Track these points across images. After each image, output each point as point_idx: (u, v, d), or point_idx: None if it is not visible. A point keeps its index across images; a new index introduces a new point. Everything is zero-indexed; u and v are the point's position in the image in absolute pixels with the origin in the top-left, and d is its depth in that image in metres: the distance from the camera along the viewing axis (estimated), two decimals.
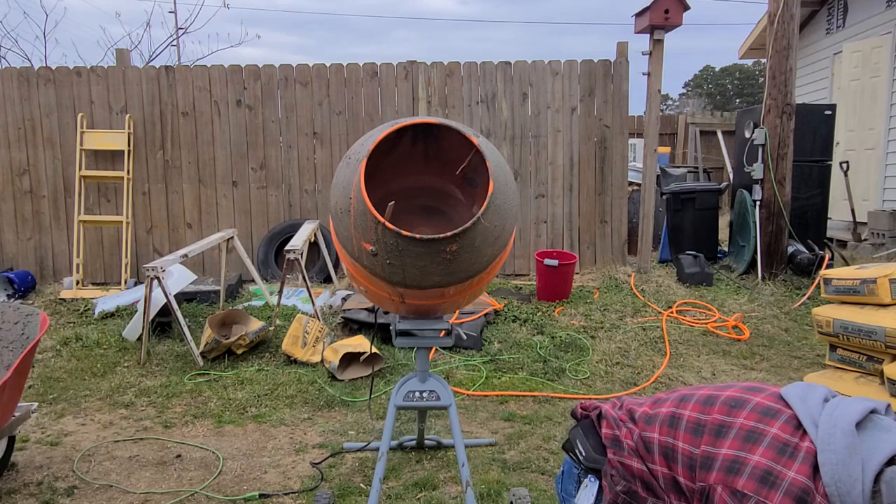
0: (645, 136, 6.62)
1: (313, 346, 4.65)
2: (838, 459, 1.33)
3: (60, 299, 6.05)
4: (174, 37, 19.53)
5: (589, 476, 1.74)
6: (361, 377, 4.33)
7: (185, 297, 5.62)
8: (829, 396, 1.48)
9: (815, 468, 1.35)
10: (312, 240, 6.14)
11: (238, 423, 3.73)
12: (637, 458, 1.63)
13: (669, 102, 42.91)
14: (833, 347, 2.87)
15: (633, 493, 1.63)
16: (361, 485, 2.99)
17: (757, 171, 6.32)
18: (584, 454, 1.75)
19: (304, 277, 5.08)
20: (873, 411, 1.43)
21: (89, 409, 3.95)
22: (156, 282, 4.48)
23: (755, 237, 6.33)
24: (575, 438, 1.80)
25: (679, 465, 1.55)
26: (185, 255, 4.92)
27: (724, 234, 7.78)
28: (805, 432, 1.40)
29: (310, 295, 5.09)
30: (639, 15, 6.37)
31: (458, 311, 4.86)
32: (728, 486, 1.40)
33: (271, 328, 4.95)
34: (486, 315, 5.21)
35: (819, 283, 3.20)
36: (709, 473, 1.45)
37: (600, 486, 1.72)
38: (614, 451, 1.67)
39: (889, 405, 1.45)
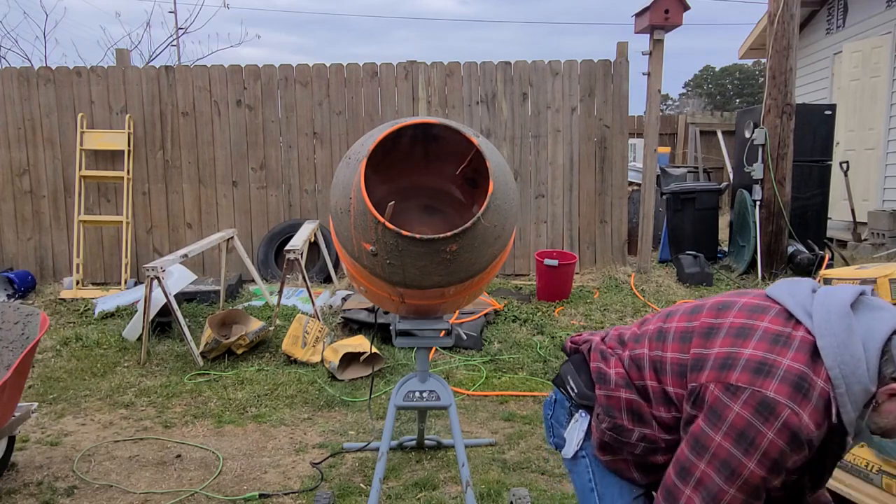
0: (645, 136, 6.62)
1: (313, 346, 4.65)
2: (839, 342, 1.32)
3: (60, 299, 6.05)
4: (174, 37, 19.54)
5: (580, 411, 1.69)
6: (361, 377, 4.33)
7: (185, 297, 5.62)
8: (816, 287, 1.47)
9: (813, 355, 1.34)
10: (312, 240, 6.14)
11: (238, 423, 3.74)
12: (625, 388, 1.58)
13: (669, 102, 42.91)
14: None
15: (618, 427, 1.58)
16: (361, 485, 2.99)
17: (757, 171, 6.32)
18: (575, 391, 1.70)
19: (304, 277, 5.08)
20: (862, 294, 1.42)
21: (89, 409, 3.95)
22: (156, 282, 4.48)
23: (755, 237, 6.33)
24: (566, 374, 1.74)
25: (668, 375, 1.51)
26: (185, 255, 4.92)
27: (724, 234, 7.78)
28: (798, 322, 1.39)
29: (310, 295, 5.09)
30: (639, 15, 6.37)
31: (458, 311, 4.86)
32: (721, 381, 1.37)
33: (271, 328, 4.95)
34: (486, 315, 5.21)
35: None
36: (700, 373, 1.42)
37: (590, 422, 1.68)
38: (601, 386, 1.62)
39: (873, 288, 1.43)
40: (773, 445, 1.30)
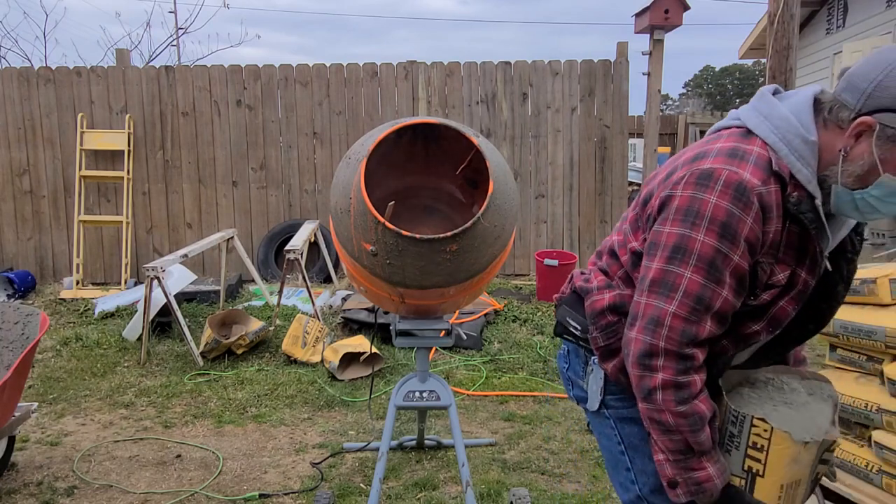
0: (645, 136, 6.62)
1: (313, 346, 4.65)
2: (766, 114, 1.38)
3: (60, 299, 6.05)
4: (174, 37, 19.53)
5: (593, 357, 1.61)
6: (361, 377, 4.33)
7: (185, 297, 5.62)
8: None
9: (746, 135, 1.39)
10: (312, 240, 6.13)
11: (238, 423, 3.74)
12: (607, 289, 1.54)
13: (669, 102, 42.93)
14: (833, 347, 2.87)
15: (607, 328, 1.53)
16: (361, 485, 2.99)
17: None
18: (578, 328, 1.63)
19: (304, 277, 5.08)
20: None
21: (89, 409, 3.95)
22: (156, 282, 4.48)
23: None
24: (564, 316, 1.68)
25: (631, 233, 1.50)
26: (185, 255, 4.92)
27: None
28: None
29: (310, 295, 5.09)
30: (639, 15, 6.38)
31: (458, 311, 4.86)
32: (665, 187, 1.38)
33: (271, 328, 4.95)
34: (486, 315, 5.21)
35: None
36: (668, 182, 1.40)
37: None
38: (587, 298, 1.57)
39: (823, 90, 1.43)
40: (718, 208, 1.30)
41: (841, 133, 1.31)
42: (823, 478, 1.53)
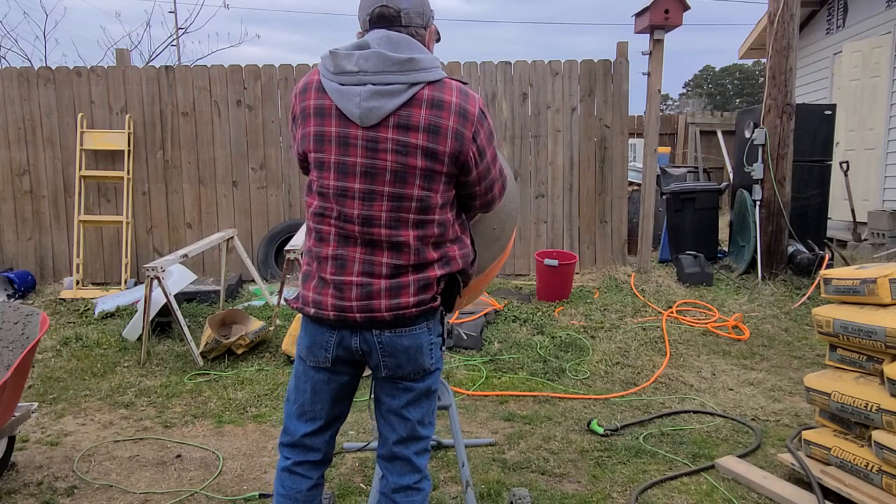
0: (645, 136, 6.62)
1: None
2: None
3: (60, 299, 6.05)
4: (174, 37, 19.52)
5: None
6: (361, 377, 4.32)
7: (185, 297, 5.62)
8: None
9: None
10: None
11: (238, 423, 3.74)
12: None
13: (669, 102, 42.91)
14: (833, 347, 2.87)
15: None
16: (361, 485, 2.99)
17: (757, 171, 6.32)
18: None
19: None
20: None
21: (89, 409, 3.95)
22: (156, 282, 4.48)
23: (755, 237, 6.33)
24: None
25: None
26: (185, 255, 4.92)
27: (724, 234, 7.78)
28: None
29: None
30: (639, 15, 6.37)
31: (458, 311, 4.86)
32: None
33: (271, 328, 4.95)
34: (486, 315, 5.21)
35: (819, 283, 3.19)
36: None
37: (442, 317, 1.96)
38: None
39: None
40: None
41: None
42: (824, 476, 1.52)
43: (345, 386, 1.95)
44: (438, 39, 2.02)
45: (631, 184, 7.45)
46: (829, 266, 6.09)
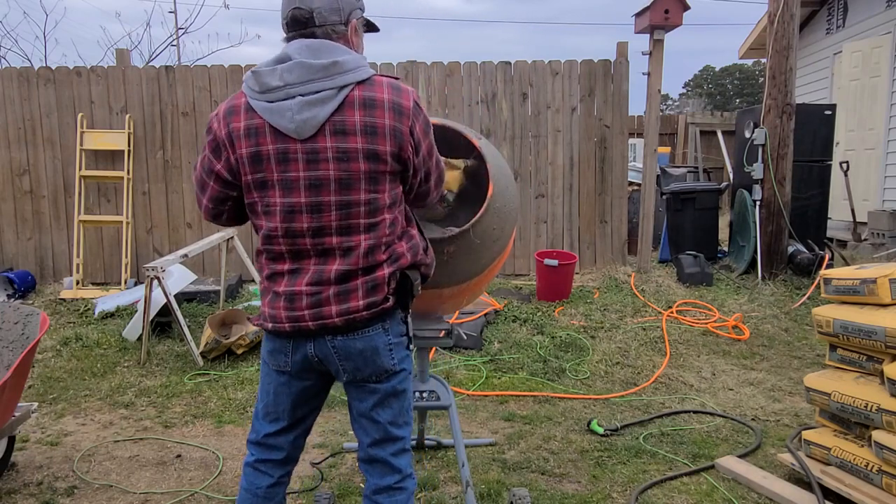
0: (645, 136, 6.62)
1: None
2: None
3: (60, 299, 6.05)
4: (174, 37, 19.52)
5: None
6: None
7: (185, 297, 5.62)
8: None
9: None
10: None
11: (238, 423, 3.74)
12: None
13: (669, 102, 42.91)
14: (833, 347, 2.87)
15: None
16: (361, 485, 2.99)
17: (757, 171, 6.32)
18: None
19: None
20: None
21: (89, 409, 3.95)
22: (156, 282, 4.48)
23: (755, 237, 6.33)
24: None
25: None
26: (185, 255, 4.92)
27: (724, 234, 7.78)
28: None
29: None
30: (639, 15, 6.37)
31: (458, 311, 4.86)
32: None
33: None
34: (486, 315, 5.21)
35: (819, 283, 3.19)
36: None
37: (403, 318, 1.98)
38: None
39: None
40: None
41: None
42: (824, 476, 1.52)
43: (307, 391, 1.95)
44: (373, 30, 2.03)
45: (631, 184, 7.45)
46: (829, 266, 6.09)
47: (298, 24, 1.78)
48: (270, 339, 1.91)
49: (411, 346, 1.96)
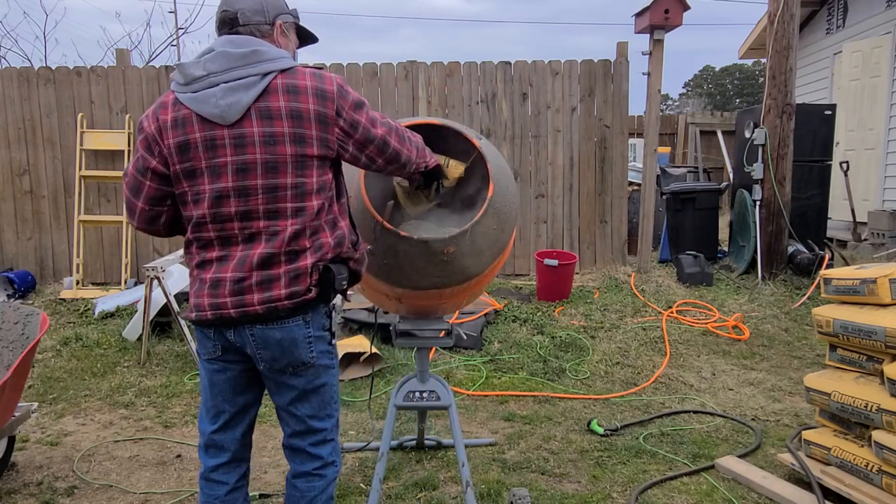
0: (645, 136, 6.62)
1: None
2: None
3: (60, 299, 6.05)
4: (174, 37, 19.53)
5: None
6: (361, 377, 4.33)
7: (185, 297, 5.60)
8: None
9: None
10: None
11: None
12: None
13: (669, 102, 42.91)
14: (833, 347, 2.87)
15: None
16: (361, 485, 2.99)
17: (757, 171, 6.32)
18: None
19: None
20: None
21: (89, 409, 3.95)
22: (156, 282, 4.49)
23: (755, 237, 6.33)
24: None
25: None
26: None
27: (724, 234, 7.78)
28: None
29: None
30: (639, 15, 6.37)
31: (458, 311, 4.86)
32: None
33: None
34: (486, 315, 5.21)
35: (819, 283, 3.19)
36: None
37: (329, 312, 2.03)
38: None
39: None
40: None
41: None
42: (824, 476, 1.52)
43: (240, 376, 1.95)
44: (309, 39, 2.08)
45: (631, 184, 7.45)
46: (829, 266, 6.09)
47: (225, 25, 1.85)
48: (197, 329, 1.92)
49: (333, 342, 1.98)
